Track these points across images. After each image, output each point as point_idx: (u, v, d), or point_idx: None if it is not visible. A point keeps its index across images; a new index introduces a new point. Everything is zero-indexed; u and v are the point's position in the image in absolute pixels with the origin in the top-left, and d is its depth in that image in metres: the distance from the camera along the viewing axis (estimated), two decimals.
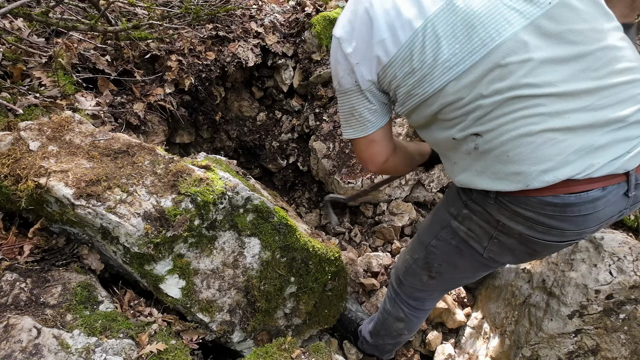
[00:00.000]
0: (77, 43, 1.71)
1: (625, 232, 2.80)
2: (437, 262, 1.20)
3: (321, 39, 2.24)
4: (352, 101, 0.99)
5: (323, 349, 1.22)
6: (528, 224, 0.91)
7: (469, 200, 1.01)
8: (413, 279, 1.32)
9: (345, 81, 0.97)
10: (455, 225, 1.08)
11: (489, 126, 0.85)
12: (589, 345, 1.38)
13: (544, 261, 1.63)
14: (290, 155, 2.52)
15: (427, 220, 1.25)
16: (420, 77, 0.87)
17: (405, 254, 1.36)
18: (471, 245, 1.06)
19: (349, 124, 1.04)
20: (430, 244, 1.18)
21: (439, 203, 1.20)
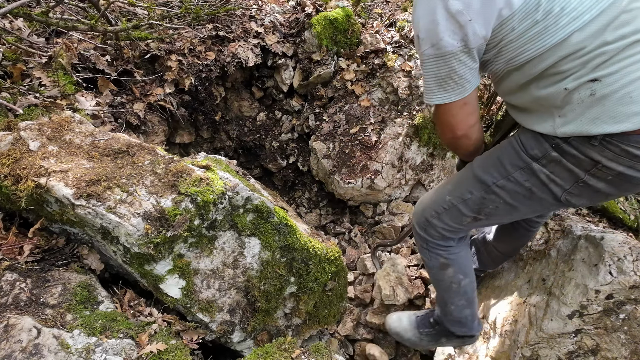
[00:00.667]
0: (77, 43, 1.71)
1: (625, 232, 2.80)
2: (495, 204, 1.16)
3: (321, 39, 2.24)
4: (451, 63, 0.96)
5: (323, 349, 1.22)
6: (632, 163, 0.93)
7: (563, 143, 0.98)
8: (450, 220, 1.26)
9: (447, 42, 0.93)
10: (536, 167, 1.05)
11: (611, 69, 0.87)
12: (589, 345, 1.38)
13: (544, 261, 1.63)
14: (290, 155, 2.52)
15: (486, 160, 1.18)
16: (542, 29, 0.88)
17: (441, 193, 1.28)
18: (549, 189, 1.06)
19: (444, 88, 1.01)
20: (496, 184, 1.13)
21: (505, 145, 1.14)
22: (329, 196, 2.49)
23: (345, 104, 2.29)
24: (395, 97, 2.23)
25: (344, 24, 2.28)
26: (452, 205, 1.24)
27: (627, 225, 2.88)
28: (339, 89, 2.32)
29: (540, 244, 1.75)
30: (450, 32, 0.92)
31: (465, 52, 0.95)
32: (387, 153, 2.15)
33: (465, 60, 0.96)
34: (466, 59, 0.96)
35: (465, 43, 0.93)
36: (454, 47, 0.94)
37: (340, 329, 1.82)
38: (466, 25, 0.90)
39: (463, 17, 0.89)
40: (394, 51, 2.31)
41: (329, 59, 2.28)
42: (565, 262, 1.48)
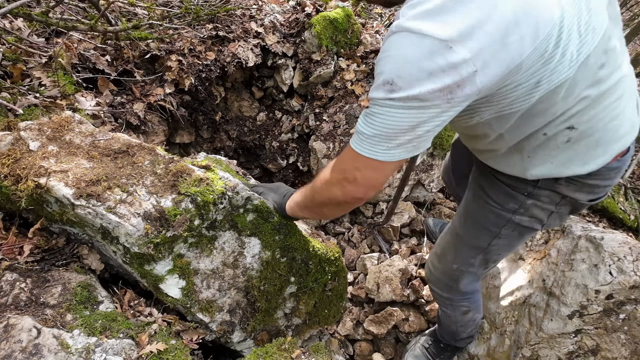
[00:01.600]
0: (77, 43, 1.71)
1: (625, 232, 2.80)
2: (497, 254, 1.27)
3: (321, 39, 2.24)
4: (423, 115, 0.74)
5: (323, 349, 1.22)
6: (589, 190, 1.03)
7: (534, 189, 1.05)
8: (467, 279, 1.37)
9: (433, 95, 0.71)
10: (517, 219, 1.13)
11: (587, 116, 0.88)
12: (589, 345, 1.38)
13: (544, 261, 1.63)
14: (290, 155, 2.52)
15: (470, 229, 1.25)
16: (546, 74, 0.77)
17: (447, 264, 1.36)
18: (533, 227, 1.15)
19: (394, 142, 0.79)
20: (491, 244, 1.22)
21: (480, 209, 1.19)
22: None
23: (346, 104, 2.29)
24: None
25: (344, 24, 2.28)
26: (462, 271, 1.34)
27: (627, 225, 2.88)
28: (339, 89, 2.31)
29: (540, 244, 1.75)
30: (445, 83, 0.70)
31: (451, 104, 0.74)
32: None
33: (448, 112, 0.76)
34: (449, 112, 0.76)
35: (454, 98, 0.72)
36: (438, 99, 0.72)
37: (340, 329, 1.82)
38: (467, 77, 0.70)
39: (467, 69, 0.69)
40: None
41: (329, 59, 2.28)
42: (565, 262, 1.48)
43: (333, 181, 0.94)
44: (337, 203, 0.97)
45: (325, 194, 0.99)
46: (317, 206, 1.07)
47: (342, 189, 0.92)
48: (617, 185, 3.22)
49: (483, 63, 0.69)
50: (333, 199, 0.96)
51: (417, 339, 1.81)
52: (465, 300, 1.47)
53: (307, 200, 1.11)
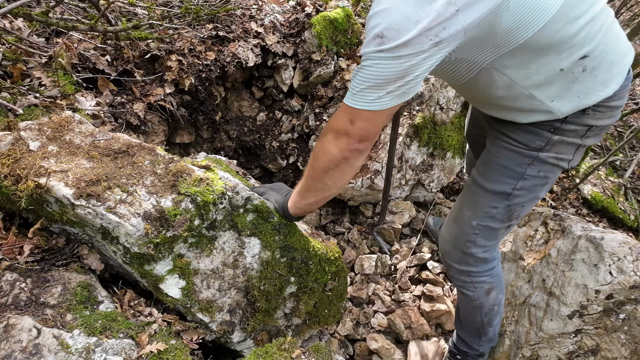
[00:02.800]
0: (77, 43, 1.71)
1: (625, 232, 2.80)
2: (521, 205, 1.18)
3: (321, 39, 2.24)
4: (415, 61, 0.79)
5: (323, 349, 1.22)
6: (611, 113, 1.06)
7: (561, 124, 1.05)
8: (486, 240, 1.25)
9: (419, 40, 0.76)
10: (544, 156, 1.10)
11: (595, 42, 0.92)
12: (589, 345, 1.38)
13: (544, 261, 1.63)
14: (290, 155, 2.52)
15: (491, 173, 1.17)
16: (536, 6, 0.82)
17: (463, 223, 1.25)
18: (559, 166, 1.13)
19: (386, 90, 0.83)
20: (515, 187, 1.14)
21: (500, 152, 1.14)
22: None
23: None
24: None
25: (344, 24, 2.28)
26: (482, 227, 1.22)
27: (627, 225, 2.88)
28: (339, 89, 2.31)
29: (540, 244, 1.75)
30: (429, 26, 0.75)
31: (438, 47, 0.79)
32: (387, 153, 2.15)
33: (435, 56, 0.80)
34: (437, 54, 0.81)
35: (442, 39, 0.78)
36: (427, 45, 0.77)
37: (340, 329, 1.82)
38: (450, 17, 0.76)
39: (449, 8, 0.75)
40: None
41: (329, 59, 2.28)
42: (565, 262, 1.48)
43: (328, 139, 0.97)
44: (336, 163, 0.98)
45: (322, 157, 1.00)
46: (319, 177, 1.05)
47: (337, 143, 0.95)
48: (617, 185, 3.22)
49: (465, 3, 0.75)
50: (332, 158, 0.97)
51: None
52: (486, 275, 1.33)
53: (307, 179, 1.10)
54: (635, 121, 4.33)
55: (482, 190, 1.20)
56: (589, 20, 0.91)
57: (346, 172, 1.01)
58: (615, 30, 0.99)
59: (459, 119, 2.40)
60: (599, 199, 2.92)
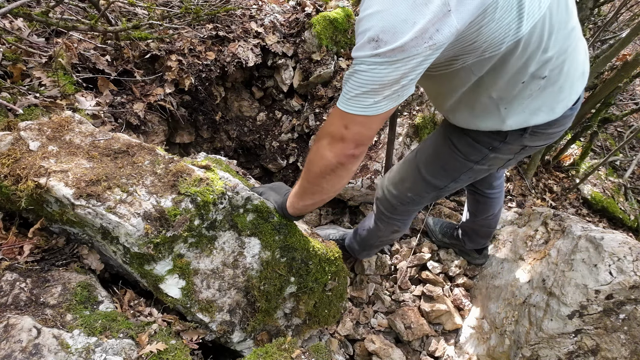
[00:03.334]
0: (77, 43, 1.71)
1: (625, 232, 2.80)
2: (448, 192, 1.41)
3: (321, 39, 2.24)
4: (410, 66, 0.78)
5: (323, 349, 1.22)
6: (547, 137, 1.16)
7: (500, 144, 1.15)
8: (413, 206, 1.50)
9: (415, 43, 0.75)
10: (477, 167, 1.26)
11: (554, 64, 0.97)
12: (588, 345, 1.38)
13: (544, 261, 1.63)
14: (290, 155, 2.51)
15: (432, 167, 1.35)
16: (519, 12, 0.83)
17: (401, 191, 1.47)
18: (488, 171, 1.32)
19: (382, 94, 0.82)
20: (447, 186, 1.36)
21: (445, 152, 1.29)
22: None
23: None
24: None
25: (344, 24, 2.28)
26: (413, 199, 1.46)
27: (627, 225, 2.88)
28: (339, 89, 2.31)
29: (540, 244, 1.75)
30: (423, 29, 0.74)
31: (432, 50, 0.78)
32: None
33: (429, 58, 0.80)
34: (430, 58, 0.80)
35: (436, 41, 0.76)
36: (422, 48, 0.76)
37: (340, 329, 1.82)
38: (443, 18, 0.74)
39: (443, 8, 0.74)
40: None
41: (329, 59, 2.28)
42: (565, 262, 1.48)
43: (323, 144, 0.95)
44: (331, 168, 0.97)
45: (318, 162, 0.99)
46: (315, 182, 1.05)
47: (332, 149, 0.93)
48: (617, 185, 3.22)
49: (457, 2, 0.74)
50: (327, 164, 0.96)
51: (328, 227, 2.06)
52: (401, 221, 1.59)
53: (303, 181, 1.10)
54: (635, 121, 4.33)
55: (422, 179, 1.39)
56: (560, 40, 0.95)
57: (343, 176, 1.01)
58: (578, 53, 1.04)
59: None
60: (599, 199, 2.92)
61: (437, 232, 2.15)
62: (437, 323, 1.87)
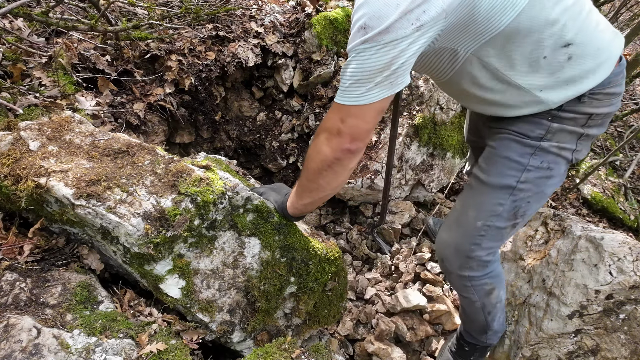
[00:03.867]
0: (77, 43, 1.71)
1: (625, 232, 2.80)
2: (526, 200, 1.13)
3: (321, 39, 2.24)
4: (399, 48, 0.80)
5: (323, 349, 1.22)
6: (611, 101, 1.05)
7: (558, 112, 1.04)
8: (492, 241, 1.19)
9: (400, 25, 0.78)
10: (545, 145, 1.08)
11: (576, 29, 0.93)
12: (589, 345, 1.38)
13: (544, 261, 1.63)
14: (290, 155, 2.52)
15: (493, 167, 1.14)
16: None
17: (467, 224, 1.18)
18: (562, 157, 1.10)
19: (374, 81, 0.84)
20: (520, 180, 1.10)
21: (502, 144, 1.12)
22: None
23: None
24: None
25: (344, 24, 2.28)
26: (488, 227, 1.16)
27: (627, 225, 2.88)
28: None
29: (540, 244, 1.75)
30: (408, 9, 0.77)
31: (420, 32, 0.80)
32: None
33: (418, 41, 0.81)
34: (420, 39, 0.81)
35: (423, 22, 0.79)
36: (407, 30, 0.79)
37: (340, 329, 1.82)
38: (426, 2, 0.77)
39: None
40: None
41: (329, 59, 2.28)
42: (565, 262, 1.48)
43: (321, 139, 0.96)
44: (329, 164, 0.97)
45: (315, 158, 0.99)
46: (312, 178, 1.05)
47: (329, 144, 0.94)
48: (617, 185, 3.22)
49: None
50: (324, 159, 0.97)
51: (445, 343, 1.65)
52: (487, 277, 1.27)
53: (302, 179, 1.10)
54: (635, 121, 4.33)
55: (486, 187, 1.15)
56: (567, 7, 0.91)
57: (339, 173, 1.00)
58: (594, 18, 0.99)
59: (459, 118, 2.40)
60: (599, 199, 2.92)
61: (438, 231, 2.15)
62: (437, 323, 1.86)
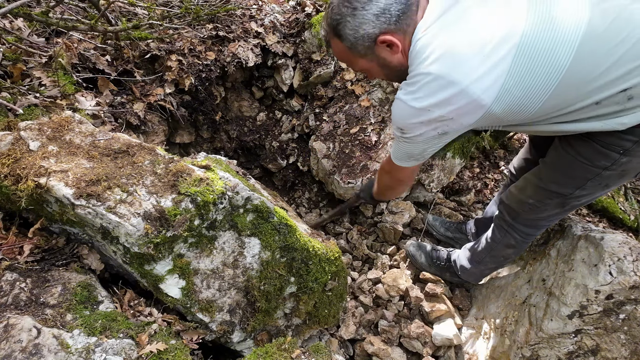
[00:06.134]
0: (77, 43, 1.71)
1: (625, 232, 2.80)
2: (576, 200, 1.27)
3: (321, 39, 2.24)
4: (427, 145, 1.12)
5: (323, 349, 1.22)
6: None
7: (633, 145, 1.04)
8: (538, 214, 1.40)
9: (428, 135, 1.07)
10: (607, 174, 1.14)
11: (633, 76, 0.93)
12: (589, 345, 1.38)
13: (544, 261, 1.63)
14: (290, 155, 2.52)
15: (555, 175, 1.26)
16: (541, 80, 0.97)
17: (523, 197, 1.39)
18: (624, 178, 1.17)
19: (414, 158, 1.19)
20: (572, 194, 1.24)
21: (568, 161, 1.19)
22: (329, 196, 2.49)
23: (345, 104, 2.29)
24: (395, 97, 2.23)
25: None
26: (535, 207, 1.37)
27: (627, 225, 2.87)
28: (339, 89, 2.32)
29: (540, 244, 1.75)
30: (431, 128, 1.05)
31: (449, 135, 1.07)
32: (387, 153, 2.15)
33: (444, 140, 1.10)
34: (445, 139, 1.10)
35: (451, 128, 1.05)
36: (435, 134, 1.06)
37: (343, 333, 1.81)
38: (449, 122, 1.02)
39: (446, 117, 1.00)
40: None
41: (329, 59, 2.28)
42: (565, 262, 1.48)
43: (382, 176, 1.51)
44: (389, 188, 1.54)
45: (382, 183, 1.56)
46: (382, 191, 1.61)
47: (389, 179, 1.46)
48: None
49: (456, 114, 1.00)
50: (387, 186, 1.53)
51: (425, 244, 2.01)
52: (520, 235, 1.49)
53: (377, 188, 1.64)
54: None
55: (544, 186, 1.31)
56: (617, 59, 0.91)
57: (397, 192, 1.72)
58: None
59: None
60: (599, 199, 2.92)
61: (439, 226, 2.14)
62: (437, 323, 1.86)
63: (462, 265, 1.78)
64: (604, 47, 0.92)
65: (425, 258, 1.94)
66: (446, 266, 1.87)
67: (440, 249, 1.94)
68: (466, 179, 2.56)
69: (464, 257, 1.77)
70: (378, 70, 1.17)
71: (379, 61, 1.12)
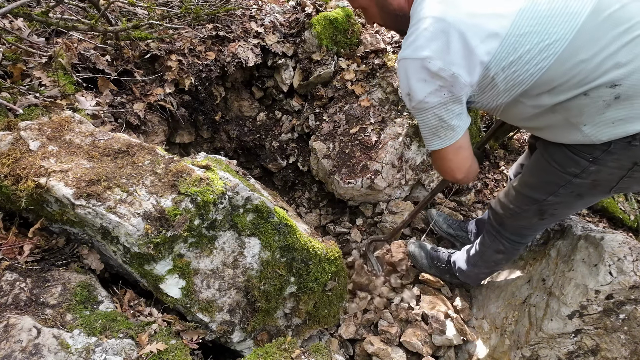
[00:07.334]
0: (77, 43, 1.71)
1: (625, 232, 2.80)
2: (553, 209, 1.27)
3: (321, 39, 2.24)
4: (439, 113, 1.04)
5: (323, 349, 1.22)
6: None
7: (602, 153, 1.03)
8: (519, 222, 1.41)
9: (434, 97, 1.01)
10: (578, 181, 1.13)
11: (628, 70, 0.90)
12: (588, 345, 1.38)
13: (544, 261, 1.63)
14: (290, 155, 2.52)
15: (529, 179, 1.29)
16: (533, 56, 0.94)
17: (506, 202, 1.41)
18: (597, 190, 1.14)
19: (437, 135, 1.10)
20: (546, 200, 1.24)
21: (542, 165, 1.21)
22: (329, 196, 2.49)
23: (345, 104, 2.29)
24: (395, 97, 2.23)
25: (344, 24, 2.28)
26: (516, 212, 1.38)
27: (627, 225, 2.87)
28: (339, 89, 2.32)
29: (540, 244, 1.75)
30: (434, 89, 0.99)
31: (453, 101, 1.02)
32: (387, 153, 2.15)
33: (453, 107, 1.04)
34: (453, 107, 1.04)
35: (452, 93, 1.00)
36: (440, 99, 1.01)
37: (343, 333, 1.81)
38: (450, 77, 0.97)
39: (446, 73, 0.96)
40: (394, 51, 2.31)
41: (329, 59, 2.28)
42: (565, 263, 1.48)
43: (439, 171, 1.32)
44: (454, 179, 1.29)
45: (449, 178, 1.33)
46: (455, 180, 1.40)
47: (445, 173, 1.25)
48: None
49: (457, 66, 0.96)
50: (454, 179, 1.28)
51: (425, 244, 1.99)
52: (508, 242, 1.50)
53: None
54: None
55: (521, 189, 1.32)
56: (613, 52, 0.90)
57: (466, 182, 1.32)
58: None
59: None
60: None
61: (442, 223, 2.14)
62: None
63: (459, 267, 1.78)
64: (606, 30, 0.90)
65: (426, 259, 1.93)
66: (446, 268, 1.87)
67: (441, 250, 1.93)
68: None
69: (462, 259, 1.78)
70: (375, 12, 1.14)
71: (377, 1, 1.10)
